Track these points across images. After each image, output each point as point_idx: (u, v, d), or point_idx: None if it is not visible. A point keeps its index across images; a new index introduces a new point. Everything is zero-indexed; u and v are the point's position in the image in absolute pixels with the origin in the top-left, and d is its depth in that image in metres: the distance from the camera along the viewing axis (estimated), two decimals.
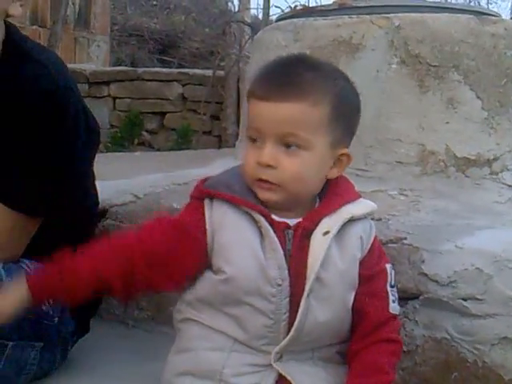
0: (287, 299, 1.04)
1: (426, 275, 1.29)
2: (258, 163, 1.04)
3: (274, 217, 1.06)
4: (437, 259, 1.29)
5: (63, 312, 1.34)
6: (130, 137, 5.09)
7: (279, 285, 1.03)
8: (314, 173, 1.07)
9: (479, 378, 1.24)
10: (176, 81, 5.30)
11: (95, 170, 1.47)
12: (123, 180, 1.95)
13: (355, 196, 1.13)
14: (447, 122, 1.71)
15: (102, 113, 5.50)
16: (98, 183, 1.48)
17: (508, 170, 1.72)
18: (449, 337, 1.27)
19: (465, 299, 1.25)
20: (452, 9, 1.89)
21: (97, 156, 1.43)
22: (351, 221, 1.09)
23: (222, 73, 4.92)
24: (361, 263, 1.10)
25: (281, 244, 1.04)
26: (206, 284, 1.07)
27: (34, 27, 5.82)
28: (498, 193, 1.67)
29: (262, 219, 1.05)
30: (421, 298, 1.30)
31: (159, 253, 1.05)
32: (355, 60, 1.77)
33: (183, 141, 4.85)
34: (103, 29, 7.05)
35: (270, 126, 1.03)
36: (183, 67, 6.56)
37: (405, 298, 1.31)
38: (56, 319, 1.32)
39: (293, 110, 1.02)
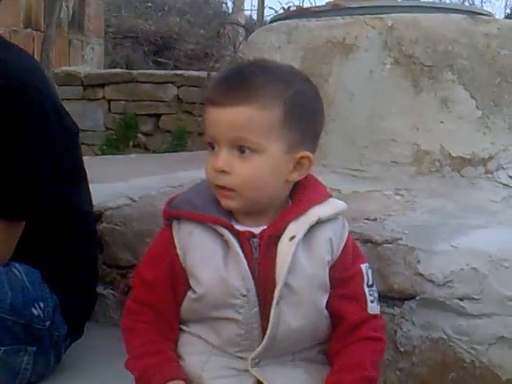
0: (256, 309, 1.03)
1: (421, 275, 1.29)
2: (213, 169, 1.04)
3: (237, 227, 1.05)
4: (432, 259, 1.29)
5: (55, 316, 1.33)
6: (125, 139, 5.10)
7: (244, 295, 1.03)
8: (269, 177, 1.04)
9: (476, 378, 1.24)
10: (171, 82, 5.31)
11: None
12: (118, 183, 1.94)
13: (324, 196, 1.10)
14: (442, 122, 1.71)
15: (96, 115, 5.50)
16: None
17: (503, 168, 1.72)
18: (446, 337, 1.27)
19: (461, 299, 1.25)
20: (445, 9, 1.90)
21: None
22: (320, 223, 1.06)
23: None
24: (334, 266, 1.08)
25: (247, 254, 1.04)
26: (186, 302, 1.07)
27: (28, 30, 5.80)
28: (493, 192, 1.66)
29: (225, 232, 1.04)
30: (417, 298, 1.30)
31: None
32: (349, 61, 1.77)
33: (178, 142, 4.86)
34: (97, 31, 7.04)
35: (222, 131, 1.02)
36: (178, 69, 6.56)
37: (401, 298, 1.31)
38: (48, 323, 1.31)
39: (240, 113, 1.01)
